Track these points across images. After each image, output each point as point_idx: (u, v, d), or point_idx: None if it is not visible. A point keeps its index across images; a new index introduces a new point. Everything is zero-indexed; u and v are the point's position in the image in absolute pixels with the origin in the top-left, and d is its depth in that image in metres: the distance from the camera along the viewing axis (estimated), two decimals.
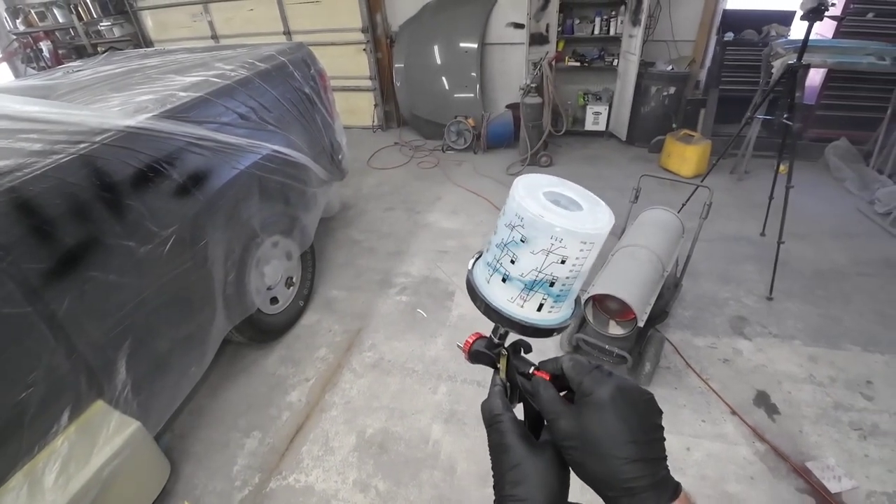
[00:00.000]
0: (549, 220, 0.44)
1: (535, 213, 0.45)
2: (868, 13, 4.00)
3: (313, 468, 2.02)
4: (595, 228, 0.45)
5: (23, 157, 1.43)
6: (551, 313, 0.49)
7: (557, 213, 0.46)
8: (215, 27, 6.00)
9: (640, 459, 0.40)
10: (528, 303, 0.49)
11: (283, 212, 2.59)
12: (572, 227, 0.44)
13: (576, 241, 0.45)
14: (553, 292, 0.48)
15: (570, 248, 0.45)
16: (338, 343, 2.66)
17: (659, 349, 2.26)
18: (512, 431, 0.48)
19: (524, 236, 0.46)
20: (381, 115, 5.93)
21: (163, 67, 2.48)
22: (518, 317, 0.49)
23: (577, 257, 0.46)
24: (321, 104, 2.93)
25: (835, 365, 2.36)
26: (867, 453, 1.96)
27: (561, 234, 0.44)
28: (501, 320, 0.50)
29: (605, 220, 0.47)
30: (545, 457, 0.46)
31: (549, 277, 0.47)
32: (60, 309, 1.48)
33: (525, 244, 0.46)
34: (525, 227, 0.46)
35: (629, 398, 0.43)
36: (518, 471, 0.45)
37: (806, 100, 4.35)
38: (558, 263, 0.46)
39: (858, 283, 2.91)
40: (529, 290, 0.48)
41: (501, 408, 0.50)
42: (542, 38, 4.81)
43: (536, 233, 0.45)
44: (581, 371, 0.46)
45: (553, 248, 0.45)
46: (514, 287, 0.49)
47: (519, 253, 0.47)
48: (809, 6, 2.43)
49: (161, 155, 1.82)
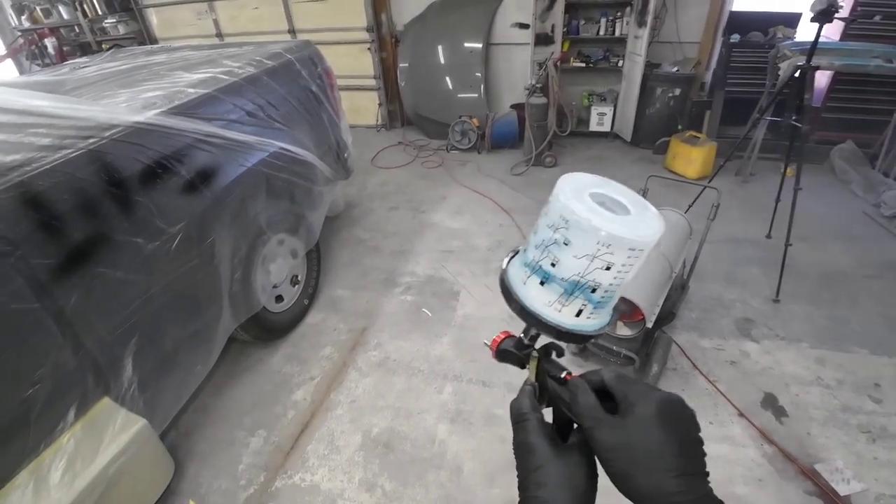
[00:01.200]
0: (597, 224, 0.42)
1: (582, 216, 0.43)
2: (875, 15, 3.99)
3: (319, 467, 2.01)
4: (645, 235, 0.43)
5: (32, 151, 1.42)
6: (590, 319, 0.48)
7: (605, 217, 0.43)
8: (220, 25, 6.00)
9: (685, 474, 0.39)
10: (566, 308, 0.47)
11: (290, 210, 2.58)
12: (621, 232, 0.42)
13: (624, 247, 0.42)
14: (594, 299, 0.46)
15: (618, 254, 0.43)
16: (343, 342, 2.65)
17: (666, 351, 2.25)
18: (538, 432, 0.47)
19: (568, 239, 0.44)
20: (386, 115, 5.92)
21: (170, 64, 2.48)
22: (554, 321, 0.47)
23: (623, 264, 0.43)
24: (327, 102, 2.92)
25: (842, 367, 2.35)
26: (876, 456, 1.95)
27: (608, 240, 0.42)
28: (537, 324, 0.49)
29: (655, 227, 0.44)
30: (572, 460, 0.45)
31: (591, 283, 0.45)
32: (68, 305, 1.47)
33: (568, 247, 0.44)
34: (570, 229, 0.43)
35: (675, 412, 0.42)
36: (543, 472, 0.45)
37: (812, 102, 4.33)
38: (602, 270, 0.44)
39: (865, 285, 2.90)
40: (569, 295, 0.46)
41: (529, 407, 0.49)
42: (548, 38, 4.81)
43: (582, 236, 0.43)
44: (625, 383, 0.45)
45: (599, 254, 0.43)
46: (552, 291, 0.47)
47: (561, 256, 0.45)
48: (819, 8, 2.42)
49: (169, 151, 1.81)
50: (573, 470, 0.45)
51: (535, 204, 4.02)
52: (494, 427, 2.13)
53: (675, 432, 0.41)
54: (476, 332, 2.65)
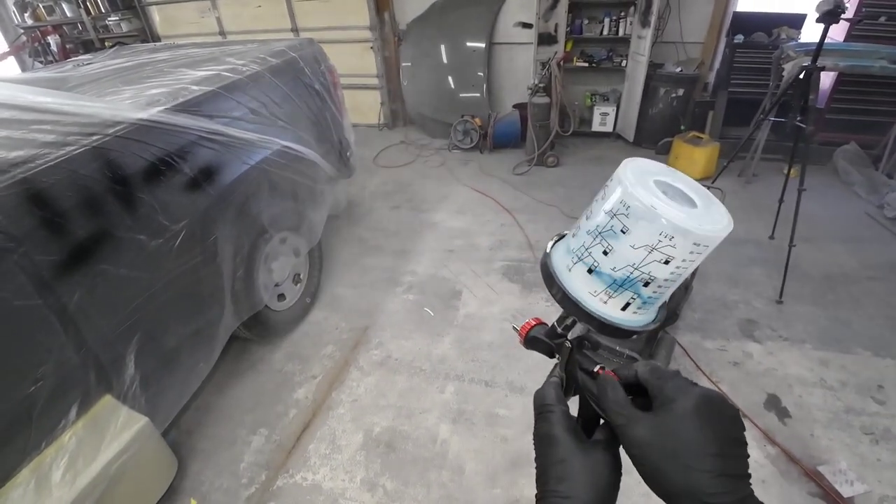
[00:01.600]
0: (663, 213, 0.39)
1: (647, 203, 0.40)
2: (880, 16, 3.97)
3: (320, 466, 2.01)
4: (713, 230, 0.40)
5: (35, 148, 1.42)
6: (636, 314, 0.45)
7: (672, 207, 0.40)
8: (223, 23, 5.99)
9: (725, 475, 0.37)
10: (613, 300, 0.44)
11: (292, 208, 2.58)
12: (689, 225, 0.39)
13: (688, 241, 0.40)
14: (644, 294, 0.43)
15: (680, 248, 0.40)
16: (345, 341, 2.65)
17: (669, 351, 2.24)
18: (562, 424, 0.46)
19: (626, 227, 0.41)
20: (388, 114, 5.92)
21: (173, 61, 2.47)
22: (598, 312, 0.45)
23: (684, 259, 0.41)
24: (331, 101, 2.92)
25: (845, 369, 2.34)
26: (879, 457, 1.94)
27: (672, 232, 0.39)
28: (578, 313, 0.46)
29: (723, 223, 0.42)
30: (596, 457, 0.44)
31: (644, 276, 0.42)
32: (71, 302, 1.47)
33: (625, 235, 0.41)
34: (630, 216, 0.41)
35: (716, 409, 0.40)
36: (564, 466, 0.43)
37: (816, 103, 4.32)
38: (660, 263, 0.41)
39: (868, 287, 2.89)
40: (619, 286, 0.43)
41: (554, 398, 0.48)
42: (551, 38, 4.80)
43: (643, 225, 0.40)
44: (662, 377, 0.43)
45: (659, 246, 0.40)
46: (600, 281, 0.44)
47: (616, 244, 0.42)
48: (825, 8, 2.41)
49: (173, 148, 1.81)
50: (597, 467, 0.43)
51: (536, 204, 4.01)
52: (496, 427, 2.13)
53: (716, 430, 0.39)
54: (478, 332, 2.64)
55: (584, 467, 0.43)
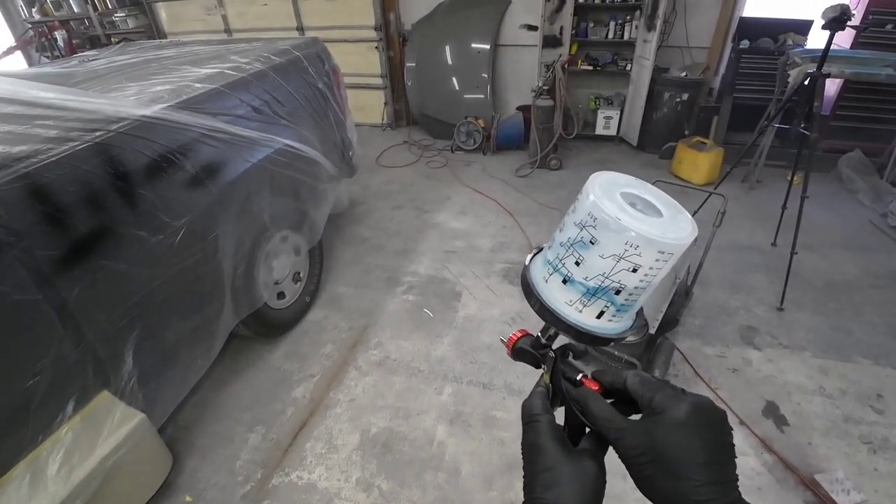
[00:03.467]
0: (626, 224, 0.41)
1: (612, 214, 0.42)
2: (887, 24, 3.96)
3: (316, 466, 2.01)
4: (676, 238, 0.42)
5: (38, 143, 1.42)
6: (611, 322, 0.47)
7: (635, 217, 0.42)
8: (229, 21, 6.01)
9: (714, 482, 0.38)
10: (587, 308, 0.46)
11: (293, 206, 2.58)
12: (651, 234, 0.41)
13: (653, 249, 0.41)
14: (617, 301, 0.45)
15: (646, 256, 0.42)
16: (343, 340, 2.65)
17: (668, 357, 2.23)
18: (548, 433, 0.46)
19: (594, 237, 0.43)
20: (391, 114, 5.92)
21: (178, 58, 2.48)
22: (574, 321, 0.47)
23: (651, 267, 0.42)
24: (334, 100, 2.92)
25: (845, 377, 2.33)
26: (876, 467, 1.93)
27: (637, 241, 0.41)
28: (556, 322, 0.48)
29: (687, 231, 0.43)
30: (582, 465, 0.44)
31: (615, 285, 0.44)
32: (70, 297, 1.47)
33: (594, 246, 0.43)
34: (597, 227, 0.43)
35: (706, 417, 0.41)
36: (551, 474, 0.44)
37: (821, 110, 4.30)
38: (629, 271, 0.43)
39: (870, 295, 2.88)
40: (592, 295, 0.45)
41: (541, 408, 0.49)
42: (556, 40, 4.80)
43: (610, 236, 0.42)
44: (651, 388, 0.44)
45: (626, 255, 0.42)
46: (574, 290, 0.46)
47: (586, 255, 0.44)
48: (832, 15, 2.40)
49: (175, 145, 1.81)
50: (583, 475, 0.44)
51: (538, 206, 4.01)
52: (493, 429, 2.13)
53: (705, 439, 0.40)
54: (477, 334, 2.64)
55: (570, 475, 0.43)
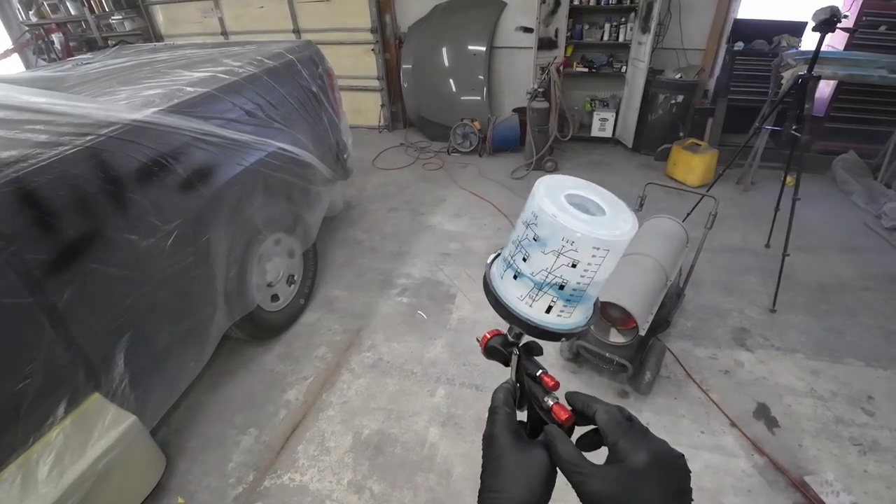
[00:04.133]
0: (562, 222, 0.44)
1: (549, 212, 0.44)
2: (880, 26, 3.97)
3: (308, 468, 2.01)
4: (610, 235, 0.44)
5: (28, 147, 1.43)
6: (561, 317, 0.48)
7: (572, 216, 0.45)
8: (225, 24, 6.03)
9: None
10: (536, 303, 0.48)
11: (287, 209, 2.59)
12: (584, 230, 0.43)
13: (587, 245, 0.44)
14: (563, 295, 0.47)
15: (582, 251, 0.44)
16: (337, 342, 2.66)
17: (660, 358, 2.24)
18: (503, 424, 0.49)
19: (537, 235, 0.45)
20: (388, 116, 5.94)
21: (171, 62, 2.49)
22: (525, 315, 0.49)
23: (588, 262, 0.45)
24: (328, 103, 2.93)
25: (837, 379, 2.34)
26: (866, 469, 1.94)
27: (572, 237, 0.43)
28: (509, 317, 0.50)
29: (624, 229, 0.45)
30: (531, 455, 0.46)
31: (558, 280, 0.46)
32: (61, 300, 1.48)
33: (537, 243, 0.46)
34: (539, 225, 0.45)
35: (665, 465, 0.42)
36: (499, 463, 0.46)
37: (814, 111, 4.30)
38: (569, 267, 0.45)
39: (863, 297, 2.89)
40: (539, 290, 0.47)
41: (501, 401, 0.51)
42: (551, 42, 4.81)
43: (549, 233, 0.44)
44: (616, 430, 0.44)
45: (564, 251, 0.44)
46: (524, 285, 0.48)
47: (531, 251, 0.46)
48: (822, 17, 2.41)
49: (166, 149, 1.82)
50: (530, 464, 0.45)
51: None
52: None
53: (665, 487, 0.41)
54: (471, 336, 2.65)
55: (517, 464, 0.45)
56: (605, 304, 2.06)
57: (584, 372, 2.40)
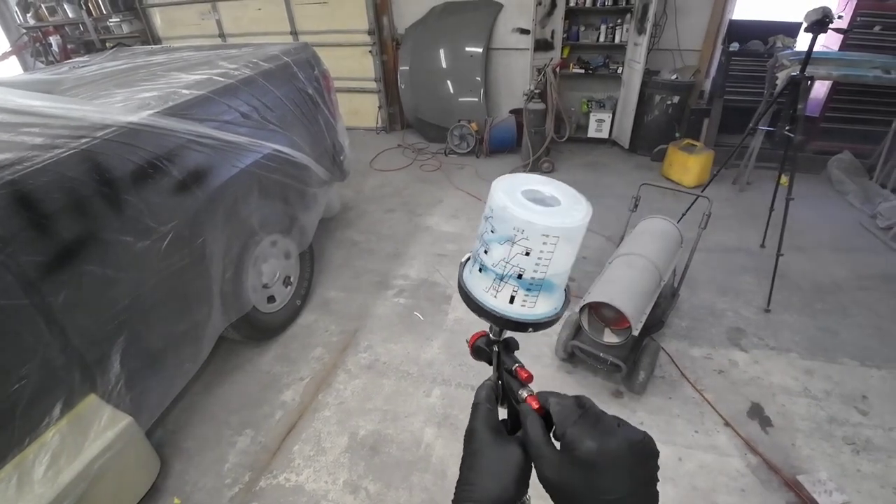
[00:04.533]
0: (512, 212, 0.46)
1: (501, 204, 0.46)
2: (875, 26, 3.99)
3: (304, 468, 2.02)
4: (558, 223, 0.45)
5: (24, 150, 1.44)
6: (524, 307, 0.50)
7: (522, 206, 0.46)
8: (223, 26, 6.04)
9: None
10: (500, 293, 0.50)
11: (283, 211, 2.60)
12: (532, 218, 0.45)
13: (536, 233, 0.45)
14: (523, 284, 0.49)
15: (532, 239, 0.46)
16: (334, 343, 2.67)
17: (654, 358, 2.25)
18: (482, 419, 0.50)
19: (493, 227, 0.47)
20: (385, 117, 5.95)
21: (168, 65, 2.50)
22: (490, 306, 0.50)
23: (541, 250, 0.46)
24: (324, 105, 2.94)
25: (831, 379, 2.35)
26: (860, 468, 1.94)
27: (522, 226, 0.45)
28: (477, 309, 0.51)
29: (574, 218, 0.47)
30: (506, 450, 0.47)
31: (516, 269, 0.48)
32: (56, 302, 1.49)
33: (494, 235, 0.48)
34: (494, 218, 0.47)
35: (613, 456, 0.40)
36: (475, 457, 0.47)
37: (810, 112, 4.33)
38: (523, 255, 0.47)
39: (857, 297, 2.90)
40: (500, 280, 0.49)
41: (483, 398, 0.53)
42: (548, 44, 4.83)
43: (502, 224, 0.46)
44: (566, 419, 0.44)
45: (517, 240, 0.46)
46: (487, 277, 0.50)
47: (490, 243, 0.48)
48: (814, 18, 2.43)
49: (162, 151, 1.83)
50: (504, 458, 0.46)
51: None
52: None
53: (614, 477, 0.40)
54: (467, 337, 2.65)
55: (492, 459, 0.46)
56: (599, 305, 2.07)
57: (579, 372, 2.41)
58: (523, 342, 0.61)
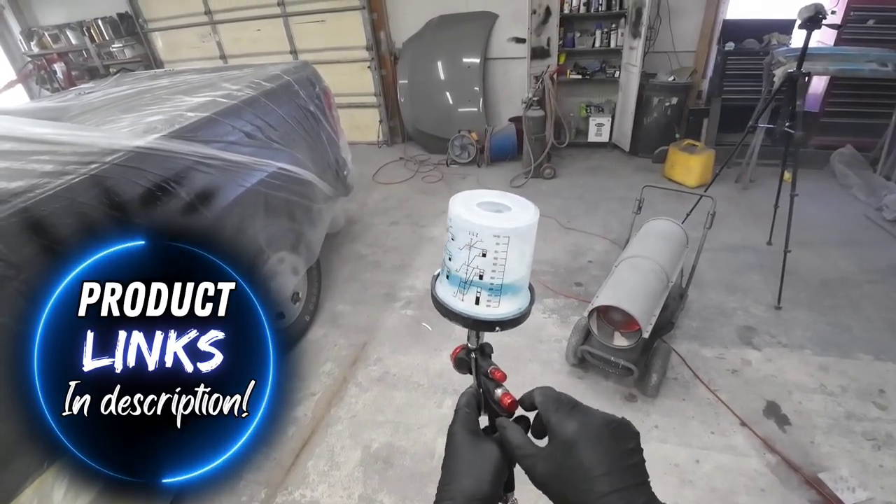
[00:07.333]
0: (466, 218, 0.50)
1: (457, 213, 0.51)
2: (868, 20, 4.01)
3: (319, 483, 2.01)
4: (507, 224, 0.50)
5: (35, 178, 1.47)
6: (489, 307, 0.53)
7: (474, 213, 0.51)
8: (223, 47, 6.14)
9: (615, 490, 0.40)
10: (466, 296, 0.53)
11: (289, 228, 2.62)
12: (483, 221, 0.50)
13: (488, 234, 0.50)
14: (485, 286, 0.52)
15: (486, 241, 0.50)
16: (343, 357, 2.67)
17: (665, 360, 2.24)
18: (461, 423, 0.52)
19: (453, 235, 0.52)
20: (386, 131, 6.00)
21: (172, 88, 2.54)
22: (458, 309, 0.54)
23: (495, 251, 0.50)
24: (326, 121, 2.98)
25: (846, 374, 2.33)
26: (881, 463, 1.92)
27: (476, 230, 0.50)
28: (448, 314, 0.55)
29: (522, 220, 0.51)
30: (483, 449, 0.49)
31: (477, 270, 0.51)
32: None
33: (454, 241, 0.52)
34: (452, 226, 0.52)
35: (593, 431, 0.43)
36: (452, 457, 0.49)
37: (809, 107, 4.34)
38: (481, 257, 0.51)
39: (867, 290, 2.88)
40: (465, 283, 0.53)
41: (463, 403, 0.56)
42: (544, 51, 4.87)
43: (458, 229, 0.51)
44: (548, 409, 0.47)
45: (473, 243, 0.50)
46: (453, 282, 0.54)
47: (452, 250, 0.53)
48: (807, 14, 2.45)
49: (170, 174, 1.85)
50: (480, 457, 0.48)
51: None
52: None
53: (598, 452, 0.42)
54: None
55: (468, 459, 0.48)
56: (608, 308, 2.07)
57: (590, 377, 2.40)
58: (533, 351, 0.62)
